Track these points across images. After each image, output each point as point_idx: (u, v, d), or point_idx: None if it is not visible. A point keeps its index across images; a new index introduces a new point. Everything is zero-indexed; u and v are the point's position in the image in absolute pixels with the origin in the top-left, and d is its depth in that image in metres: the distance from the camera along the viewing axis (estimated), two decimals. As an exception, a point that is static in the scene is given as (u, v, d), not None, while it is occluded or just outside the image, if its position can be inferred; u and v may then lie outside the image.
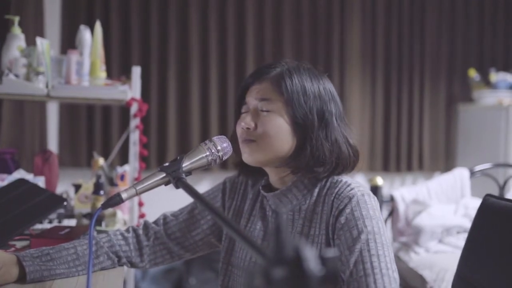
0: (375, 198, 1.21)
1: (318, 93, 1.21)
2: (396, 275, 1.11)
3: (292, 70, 1.22)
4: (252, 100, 1.23)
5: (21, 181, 1.81)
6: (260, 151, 1.20)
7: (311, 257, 0.53)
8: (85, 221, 1.97)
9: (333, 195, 1.18)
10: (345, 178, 1.22)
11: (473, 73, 4.15)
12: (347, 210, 1.15)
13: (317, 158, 1.19)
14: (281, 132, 1.19)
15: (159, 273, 3.43)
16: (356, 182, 1.21)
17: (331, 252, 0.55)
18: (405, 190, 3.17)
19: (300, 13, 3.94)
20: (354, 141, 1.27)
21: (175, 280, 3.45)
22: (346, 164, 1.23)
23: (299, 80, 1.20)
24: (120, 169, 2.32)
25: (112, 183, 2.31)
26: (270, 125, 1.19)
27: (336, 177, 1.22)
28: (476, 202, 1.70)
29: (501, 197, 1.38)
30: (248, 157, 1.22)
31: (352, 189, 1.17)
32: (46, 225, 1.82)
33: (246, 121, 1.21)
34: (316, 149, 1.19)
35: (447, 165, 4.25)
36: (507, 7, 4.41)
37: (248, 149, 1.21)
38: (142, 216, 2.28)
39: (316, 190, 1.22)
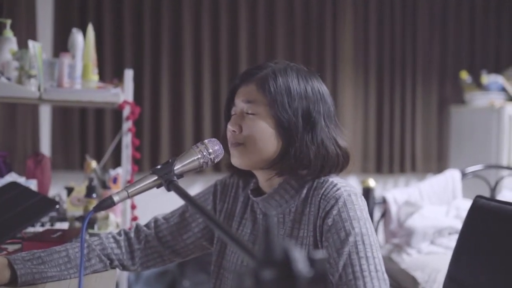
0: (362, 197, 1.20)
1: (305, 93, 1.20)
2: (385, 276, 1.11)
3: (277, 72, 1.21)
4: (238, 102, 1.23)
5: (13, 184, 1.81)
6: (247, 154, 1.20)
7: (299, 258, 0.54)
8: (77, 224, 1.96)
9: (320, 195, 1.18)
10: (332, 178, 1.21)
11: (464, 75, 4.18)
12: (334, 212, 1.14)
13: (301, 161, 1.19)
14: (265, 135, 1.19)
15: (152, 276, 3.42)
16: (343, 181, 1.20)
17: (319, 254, 0.55)
18: (397, 191, 3.19)
19: (292, 14, 3.95)
20: (345, 142, 1.25)
21: (169, 283, 3.45)
22: (333, 166, 1.22)
23: (284, 81, 1.20)
24: (112, 172, 2.32)
25: (104, 186, 2.31)
26: (254, 128, 1.19)
27: (323, 177, 1.21)
28: (468, 204, 1.70)
29: (491, 198, 1.39)
30: (236, 160, 1.23)
31: (338, 189, 1.17)
32: (38, 228, 1.81)
33: (231, 124, 1.22)
34: (300, 152, 1.18)
35: (440, 167, 4.27)
36: (498, 9, 4.44)
37: (237, 152, 1.22)
38: (134, 219, 2.28)
39: (304, 191, 1.22)
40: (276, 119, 1.18)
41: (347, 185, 1.19)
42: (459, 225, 2.88)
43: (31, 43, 1.94)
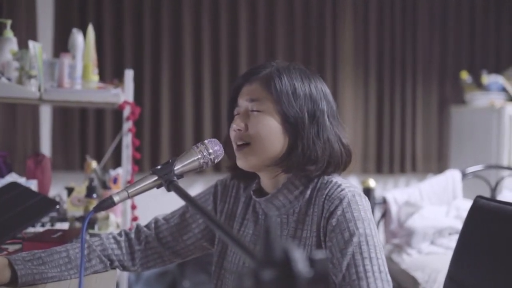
0: (366, 198, 1.20)
1: (309, 92, 1.21)
2: (389, 277, 1.11)
3: (281, 70, 1.22)
4: (242, 101, 1.23)
5: (13, 185, 1.81)
6: (254, 154, 1.20)
7: (300, 258, 0.54)
8: (77, 224, 1.97)
9: (324, 196, 1.18)
10: (335, 178, 1.21)
11: (465, 75, 4.18)
12: (338, 212, 1.14)
13: (308, 157, 1.18)
14: (272, 132, 1.19)
15: (152, 276, 3.43)
16: (347, 182, 1.21)
17: (320, 254, 0.55)
18: (397, 192, 3.18)
19: (292, 14, 3.95)
20: (347, 140, 1.26)
21: (169, 283, 3.45)
22: (338, 163, 1.22)
23: (288, 80, 1.20)
24: (113, 172, 2.32)
25: (105, 186, 2.31)
26: (260, 125, 1.19)
27: (326, 177, 1.21)
28: (468, 204, 1.71)
29: (491, 199, 1.39)
30: (243, 162, 1.22)
31: (342, 189, 1.17)
32: (38, 229, 1.81)
33: (237, 123, 1.21)
34: (308, 148, 1.18)
35: (440, 167, 4.27)
36: (498, 9, 4.44)
37: (243, 154, 1.21)
38: (135, 219, 2.28)
39: (308, 192, 1.22)
40: (282, 115, 1.18)
41: (351, 186, 1.19)
42: (459, 225, 2.88)
43: (31, 44, 1.94)
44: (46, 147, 3.53)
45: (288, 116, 1.18)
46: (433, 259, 2.81)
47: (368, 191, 2.91)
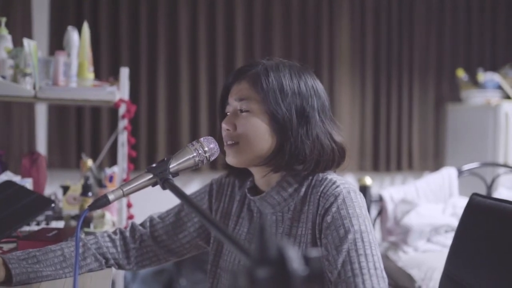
0: (361, 195, 1.19)
1: (298, 89, 1.20)
2: (384, 274, 1.11)
3: (269, 68, 1.21)
4: (232, 100, 1.23)
5: (8, 183, 1.80)
6: (242, 152, 1.20)
7: (294, 257, 0.53)
8: (73, 223, 1.96)
9: (319, 193, 1.17)
10: (330, 175, 1.21)
11: (461, 73, 4.18)
12: (333, 209, 1.14)
13: (296, 156, 1.18)
14: (259, 132, 1.19)
15: (149, 274, 3.42)
16: (342, 179, 1.20)
17: (315, 252, 0.55)
18: (393, 189, 3.19)
19: (289, 12, 3.95)
20: (341, 137, 1.25)
21: (166, 281, 3.44)
22: (329, 160, 1.22)
23: (276, 78, 1.19)
24: (108, 171, 2.31)
25: (100, 184, 2.30)
26: (248, 125, 1.19)
27: (321, 175, 1.21)
28: (464, 201, 1.70)
29: (487, 196, 1.39)
30: (231, 159, 1.22)
31: (337, 186, 1.16)
32: (33, 227, 1.81)
33: (226, 122, 1.22)
34: (295, 147, 1.18)
35: (436, 165, 4.28)
36: (494, 8, 4.45)
37: (231, 152, 1.21)
38: (130, 217, 2.27)
39: (303, 189, 1.21)
40: (270, 115, 1.18)
41: (346, 183, 1.19)
42: (455, 223, 2.88)
43: (26, 41, 1.93)
44: (41, 145, 3.52)
45: (275, 115, 1.18)
46: (429, 256, 2.81)
47: (364, 189, 2.91)
